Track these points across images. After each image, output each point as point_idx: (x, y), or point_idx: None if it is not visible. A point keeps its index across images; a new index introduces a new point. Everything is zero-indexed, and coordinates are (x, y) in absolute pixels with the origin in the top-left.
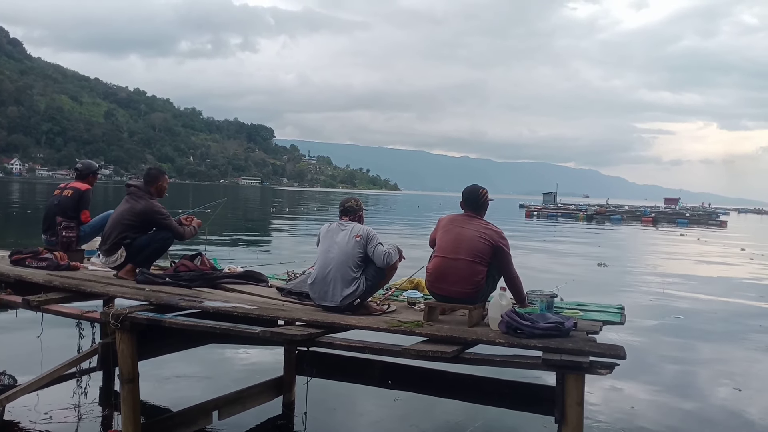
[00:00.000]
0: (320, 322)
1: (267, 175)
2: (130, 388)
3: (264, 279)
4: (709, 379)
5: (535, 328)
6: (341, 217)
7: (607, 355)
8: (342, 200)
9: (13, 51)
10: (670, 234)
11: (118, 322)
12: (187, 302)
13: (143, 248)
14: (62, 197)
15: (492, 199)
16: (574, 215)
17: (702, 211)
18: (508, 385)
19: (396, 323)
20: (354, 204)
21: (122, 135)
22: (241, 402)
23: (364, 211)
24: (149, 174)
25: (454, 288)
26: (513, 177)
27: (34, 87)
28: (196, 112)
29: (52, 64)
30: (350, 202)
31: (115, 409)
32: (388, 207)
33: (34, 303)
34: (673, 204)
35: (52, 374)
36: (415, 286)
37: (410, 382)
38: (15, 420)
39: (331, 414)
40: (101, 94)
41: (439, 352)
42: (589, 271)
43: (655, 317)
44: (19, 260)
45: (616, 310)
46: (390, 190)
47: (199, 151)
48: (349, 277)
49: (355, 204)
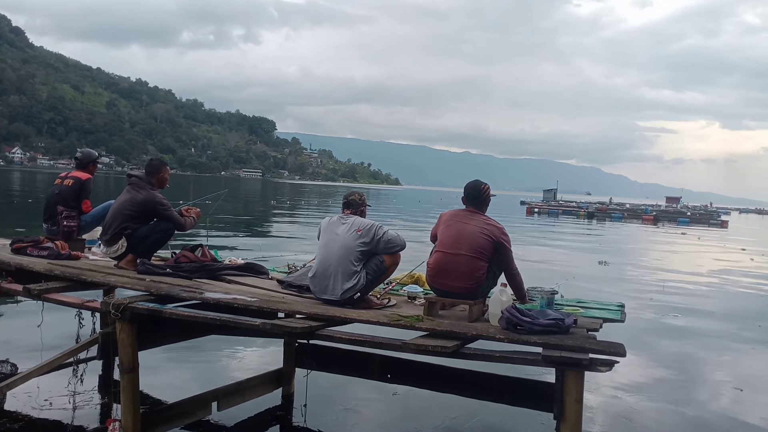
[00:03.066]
0: (320, 315)
1: (268, 167)
2: (130, 377)
3: (265, 271)
4: (709, 377)
5: (535, 324)
6: (343, 210)
7: (607, 352)
8: (345, 193)
9: (15, 39)
10: (671, 233)
11: (119, 312)
12: (187, 293)
13: (144, 239)
14: (63, 186)
15: (493, 195)
16: (575, 212)
17: (703, 211)
18: (508, 381)
19: (396, 317)
20: (357, 198)
21: (124, 125)
22: (240, 393)
23: (368, 207)
24: (150, 165)
25: (454, 283)
26: (514, 173)
27: (36, 76)
28: (198, 103)
29: (54, 53)
30: (353, 195)
31: (115, 399)
32: (389, 201)
33: (34, 292)
34: (675, 203)
35: (52, 363)
36: (416, 281)
37: (409, 376)
38: (16, 407)
39: (329, 407)
40: (103, 83)
41: (438, 347)
42: (590, 268)
43: (655, 315)
44: (20, 249)
45: (616, 307)
46: (391, 184)
47: (200, 143)
48: (350, 270)
49: (359, 198)
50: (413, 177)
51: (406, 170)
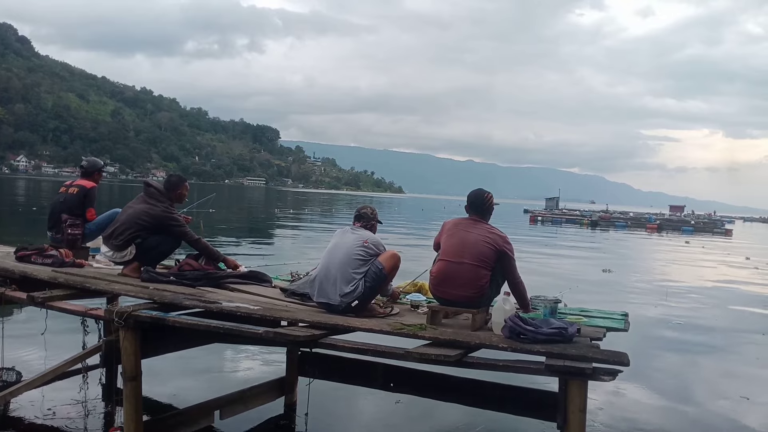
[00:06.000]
0: (323, 324)
1: (272, 176)
2: (133, 385)
3: (268, 279)
4: (714, 387)
5: (538, 333)
6: (354, 222)
7: (610, 361)
8: (359, 207)
9: (21, 49)
10: (674, 242)
11: (122, 320)
12: (191, 301)
13: (152, 248)
14: (68, 195)
15: (497, 204)
16: (579, 221)
17: (707, 219)
18: (511, 390)
19: (399, 326)
20: (369, 212)
21: (128, 134)
22: (243, 402)
23: (379, 223)
24: (170, 181)
25: (457, 292)
26: (518, 182)
27: (42, 85)
28: (202, 112)
29: (60, 62)
30: (365, 209)
31: (118, 407)
32: (392, 210)
33: (38, 299)
34: (679, 211)
35: (56, 370)
36: (419, 290)
37: (412, 385)
38: (19, 415)
39: (332, 415)
40: (108, 92)
41: (442, 356)
42: (594, 277)
43: (659, 324)
44: (25, 257)
45: (620, 316)
46: (394, 192)
47: (204, 151)
48: (350, 276)
49: (370, 212)
50: (416, 185)
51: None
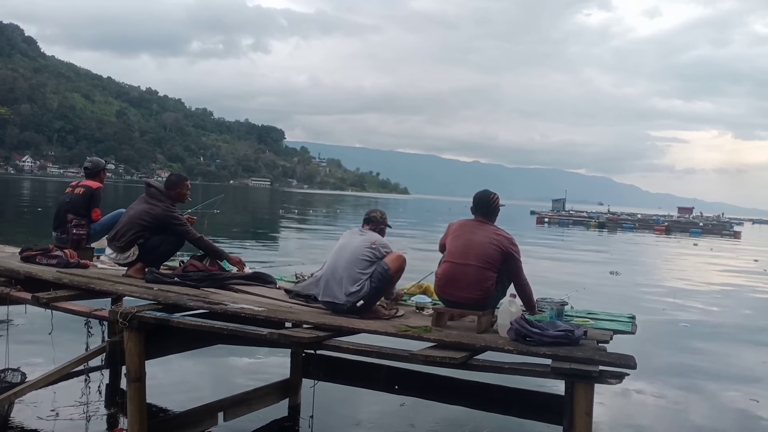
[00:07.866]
0: (328, 325)
1: (277, 176)
2: (137, 387)
3: (272, 281)
4: (722, 389)
5: (544, 335)
6: (363, 225)
7: (617, 364)
8: (368, 210)
9: (27, 49)
10: (682, 244)
11: (126, 321)
12: (195, 302)
13: (155, 248)
14: (74, 195)
15: (503, 205)
16: (586, 223)
17: (716, 221)
18: (517, 392)
19: (404, 328)
20: (378, 215)
21: (133, 134)
22: (247, 403)
23: (388, 227)
24: (170, 180)
25: (463, 294)
26: (524, 183)
27: (47, 85)
28: (207, 112)
29: (65, 63)
30: (375, 213)
31: (122, 408)
32: (397, 211)
33: (43, 300)
34: (687, 213)
35: (60, 371)
36: (424, 291)
37: (417, 387)
38: (23, 416)
39: (336, 418)
40: (113, 93)
41: (447, 358)
42: (601, 279)
43: (667, 327)
44: (30, 257)
45: (627, 319)
46: (400, 193)
47: (209, 152)
48: (356, 275)
49: (380, 216)
50: (422, 186)
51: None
